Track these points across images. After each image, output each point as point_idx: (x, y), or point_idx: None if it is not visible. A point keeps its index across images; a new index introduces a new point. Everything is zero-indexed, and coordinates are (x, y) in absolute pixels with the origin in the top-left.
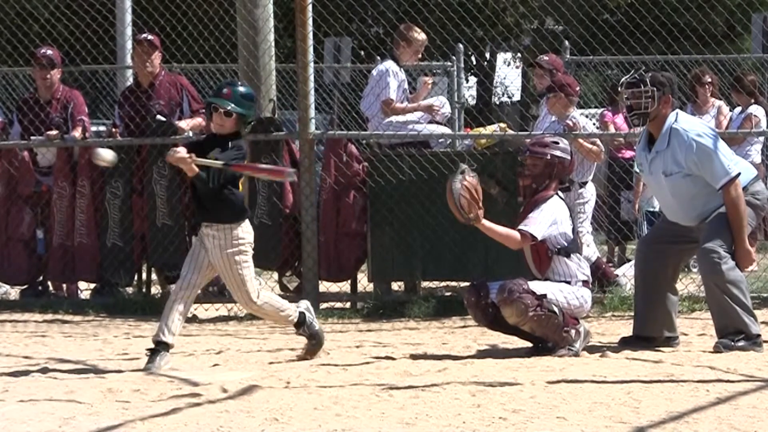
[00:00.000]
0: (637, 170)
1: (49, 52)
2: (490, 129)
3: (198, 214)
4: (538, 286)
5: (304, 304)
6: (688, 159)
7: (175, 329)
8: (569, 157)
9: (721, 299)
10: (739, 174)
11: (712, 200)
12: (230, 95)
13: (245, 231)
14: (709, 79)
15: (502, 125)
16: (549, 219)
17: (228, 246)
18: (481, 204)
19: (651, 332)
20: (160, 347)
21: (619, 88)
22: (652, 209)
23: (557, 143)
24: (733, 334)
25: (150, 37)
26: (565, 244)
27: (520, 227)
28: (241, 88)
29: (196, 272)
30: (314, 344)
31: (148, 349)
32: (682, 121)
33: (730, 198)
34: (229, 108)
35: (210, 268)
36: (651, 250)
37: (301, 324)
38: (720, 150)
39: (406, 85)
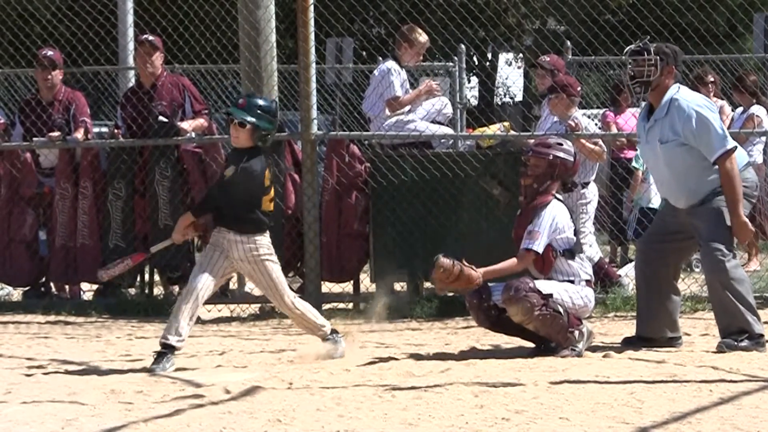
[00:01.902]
0: (635, 166)
1: (50, 52)
2: (493, 128)
3: (219, 221)
4: (543, 285)
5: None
6: (685, 128)
7: (183, 332)
8: (572, 159)
9: (724, 297)
10: (735, 148)
11: (705, 179)
12: (244, 105)
13: (266, 242)
14: (712, 79)
15: (506, 124)
16: (549, 228)
17: (256, 255)
18: (465, 270)
19: (653, 333)
20: (166, 350)
21: (624, 56)
22: (648, 206)
23: (561, 144)
24: (736, 333)
25: (151, 37)
26: (569, 247)
27: (526, 246)
28: (260, 101)
29: (210, 275)
30: (332, 354)
31: (155, 351)
32: (683, 92)
33: (725, 170)
34: (241, 119)
35: (225, 275)
36: (650, 249)
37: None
38: (719, 125)
39: (408, 86)
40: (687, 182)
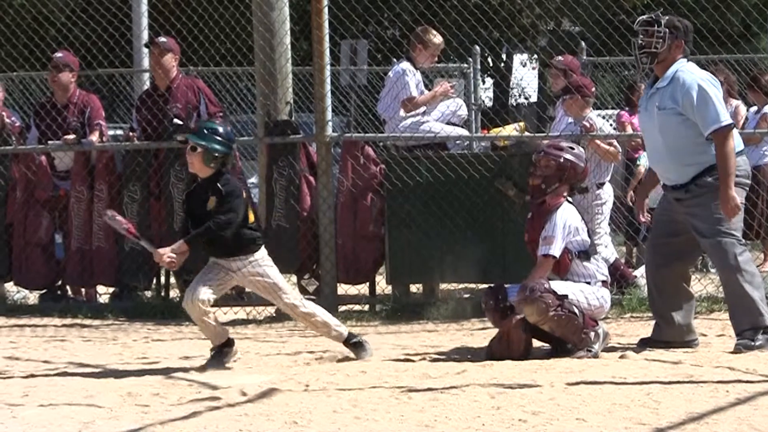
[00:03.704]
0: (638, 163)
1: (60, 54)
2: (509, 128)
3: (211, 252)
4: (559, 286)
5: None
6: (685, 99)
7: (223, 330)
8: (582, 164)
9: (738, 288)
10: (732, 125)
11: (696, 157)
12: (196, 130)
13: (263, 252)
14: (721, 79)
15: (521, 124)
16: (563, 231)
17: (255, 263)
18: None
19: (669, 338)
20: (221, 346)
21: (635, 27)
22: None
23: (572, 148)
24: (751, 331)
25: (163, 39)
26: (584, 248)
27: (544, 252)
28: (213, 125)
29: (211, 287)
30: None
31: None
32: (689, 66)
33: (720, 144)
34: (193, 142)
35: (225, 287)
36: (657, 256)
37: (351, 338)
38: (719, 101)
39: (423, 87)
40: (679, 155)
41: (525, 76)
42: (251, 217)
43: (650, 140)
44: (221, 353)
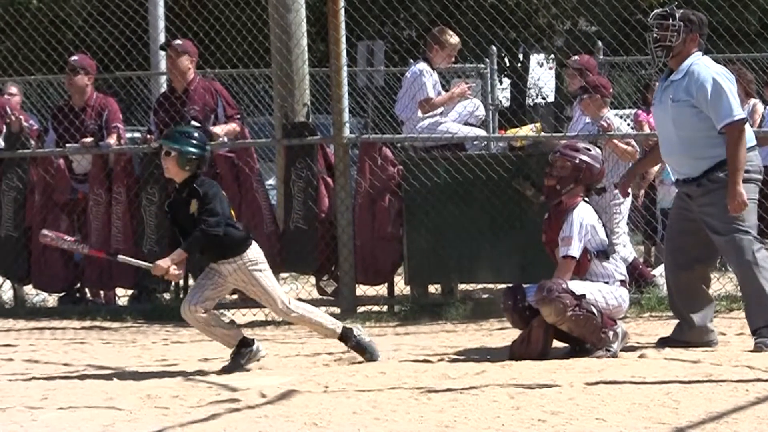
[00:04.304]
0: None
1: (76, 57)
2: (525, 129)
3: (205, 258)
4: (577, 286)
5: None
6: (699, 92)
7: (233, 332)
8: (598, 166)
9: (755, 285)
10: (745, 120)
11: (709, 150)
12: (168, 135)
13: (255, 253)
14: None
15: (538, 125)
16: (580, 231)
17: (244, 268)
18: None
19: (689, 338)
20: (239, 347)
21: (649, 20)
22: (666, 206)
23: (589, 150)
24: (764, 327)
25: (179, 41)
26: (603, 248)
27: (564, 253)
28: (183, 128)
29: (204, 294)
30: (368, 358)
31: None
32: (704, 60)
33: (732, 138)
34: (167, 147)
35: (221, 292)
36: (676, 255)
37: (347, 338)
38: (733, 95)
39: (440, 87)
40: (691, 148)
41: (542, 76)
42: (233, 216)
43: (663, 132)
44: (240, 354)
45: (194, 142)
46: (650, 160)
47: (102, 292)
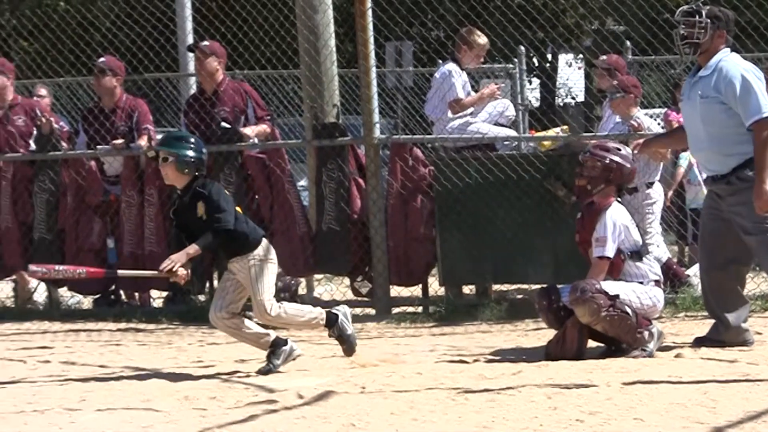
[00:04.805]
0: (679, 163)
1: (103, 59)
2: (552, 133)
3: (220, 257)
4: (610, 287)
5: (342, 309)
6: (728, 89)
7: (265, 336)
8: (629, 165)
9: None
10: None
11: (738, 147)
12: (163, 141)
13: (265, 249)
14: None
15: (564, 128)
16: (614, 232)
17: (251, 262)
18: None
19: (725, 338)
20: (273, 348)
21: (676, 17)
22: (695, 207)
23: (619, 150)
24: None
25: (205, 42)
26: (636, 249)
27: (598, 254)
28: (177, 133)
29: (225, 298)
30: (345, 348)
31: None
32: (733, 57)
33: (760, 136)
34: (165, 154)
35: (242, 294)
36: (711, 256)
37: (331, 324)
38: (762, 92)
39: (469, 87)
40: (720, 144)
41: (571, 75)
42: (240, 212)
43: (692, 129)
44: (275, 354)
45: (191, 145)
46: (671, 139)
47: (137, 294)
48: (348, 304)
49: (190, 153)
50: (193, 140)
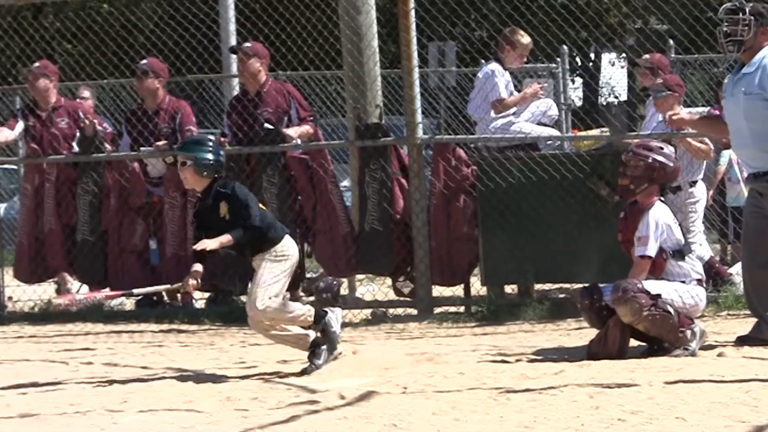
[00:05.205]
0: (719, 162)
1: (144, 61)
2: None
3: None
4: (652, 286)
5: (336, 310)
6: None
7: (304, 336)
8: (672, 164)
9: None
10: None
11: None
12: (181, 146)
13: (285, 246)
14: None
15: (605, 130)
16: (656, 231)
17: (267, 257)
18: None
19: (767, 336)
20: (313, 348)
21: (719, 15)
22: (736, 205)
23: (662, 149)
24: None
25: (247, 44)
26: (679, 248)
27: (640, 253)
28: (194, 137)
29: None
30: (326, 345)
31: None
32: None
33: None
34: (182, 159)
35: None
36: (754, 254)
37: (318, 320)
38: None
39: (512, 87)
40: (763, 141)
41: (614, 75)
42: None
43: (734, 125)
44: (316, 354)
45: (208, 148)
46: (704, 123)
47: (179, 295)
48: (390, 305)
49: (208, 156)
50: (210, 143)
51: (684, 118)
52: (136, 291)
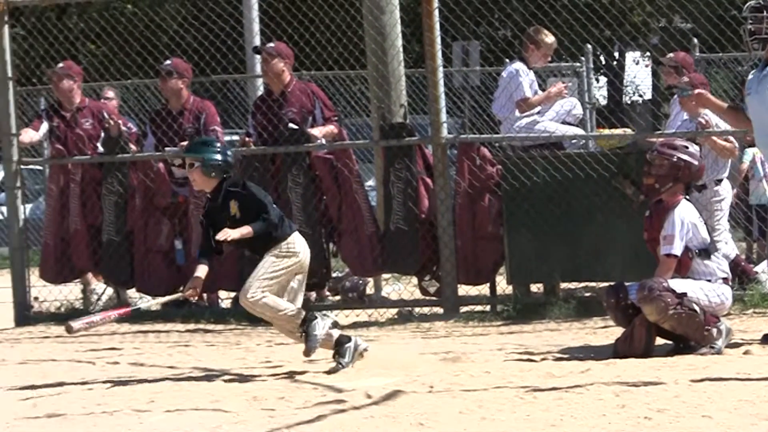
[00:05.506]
0: (743, 160)
1: (168, 61)
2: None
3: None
4: (678, 284)
5: (330, 314)
6: None
7: (327, 336)
8: (697, 163)
9: None
10: None
11: None
12: (189, 147)
13: (291, 242)
14: None
15: (627, 131)
16: (682, 230)
17: (272, 251)
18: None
19: None
20: (338, 347)
21: (743, 13)
22: (760, 203)
23: (687, 147)
24: None
25: (271, 44)
26: (704, 247)
27: (665, 251)
28: (202, 138)
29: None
30: (305, 348)
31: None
32: None
33: None
34: (190, 160)
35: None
36: None
37: (304, 323)
38: None
39: (536, 86)
40: None
41: (638, 73)
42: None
43: (759, 122)
44: (341, 354)
45: (215, 149)
46: (735, 115)
47: (205, 295)
48: (416, 304)
49: (216, 157)
50: (218, 144)
51: (710, 98)
52: (143, 306)
